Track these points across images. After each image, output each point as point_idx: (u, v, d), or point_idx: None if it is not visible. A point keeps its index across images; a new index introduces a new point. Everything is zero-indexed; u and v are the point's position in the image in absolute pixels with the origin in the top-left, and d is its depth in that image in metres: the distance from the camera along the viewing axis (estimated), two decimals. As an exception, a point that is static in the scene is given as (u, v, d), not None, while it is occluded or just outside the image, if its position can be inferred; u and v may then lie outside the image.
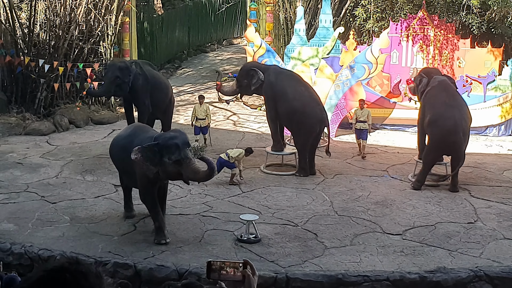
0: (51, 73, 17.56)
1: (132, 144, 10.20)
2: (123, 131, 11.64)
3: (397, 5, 19.27)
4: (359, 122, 15.40)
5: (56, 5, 18.08)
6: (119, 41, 20.00)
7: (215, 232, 10.89)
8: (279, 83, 14.31)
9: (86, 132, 17.54)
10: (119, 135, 11.51)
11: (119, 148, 10.89)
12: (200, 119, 15.77)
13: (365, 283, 9.10)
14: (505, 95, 17.41)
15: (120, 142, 11.00)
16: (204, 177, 10.07)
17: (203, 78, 25.02)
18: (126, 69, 14.44)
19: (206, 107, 15.98)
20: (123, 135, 11.20)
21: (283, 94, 14.21)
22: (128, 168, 10.57)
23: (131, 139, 10.59)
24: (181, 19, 28.91)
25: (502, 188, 13.33)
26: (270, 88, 14.34)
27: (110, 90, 14.85)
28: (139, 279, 9.30)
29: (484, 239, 10.74)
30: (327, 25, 17.90)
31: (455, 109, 13.00)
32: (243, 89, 14.96)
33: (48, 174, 13.79)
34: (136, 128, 11.29)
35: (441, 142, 12.84)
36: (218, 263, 3.03)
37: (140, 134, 10.74)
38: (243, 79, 14.69)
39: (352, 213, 11.82)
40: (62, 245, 10.21)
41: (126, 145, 10.47)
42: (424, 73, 14.12)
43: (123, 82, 14.38)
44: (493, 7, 17.71)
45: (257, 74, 14.38)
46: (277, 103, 14.20)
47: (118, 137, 11.37)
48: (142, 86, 14.67)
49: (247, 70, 14.72)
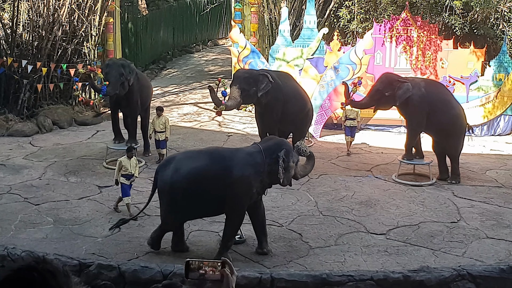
0: (34, 74, 17.46)
1: (232, 167, 9.53)
2: (193, 161, 9.81)
3: (380, 6, 19.36)
4: (349, 120, 15.47)
5: (39, 6, 17.97)
6: (103, 41, 19.94)
7: (200, 233, 10.88)
8: (287, 84, 14.31)
9: (69, 133, 17.46)
10: (194, 167, 9.67)
11: (211, 176, 9.59)
12: (158, 132, 14.50)
13: (349, 282, 9.11)
14: (488, 96, 17.56)
15: (208, 170, 9.65)
16: (312, 165, 10.28)
17: (188, 78, 25.01)
18: (128, 66, 14.34)
19: (165, 120, 14.59)
20: (206, 163, 9.71)
21: (295, 94, 14.31)
22: (219, 194, 9.63)
23: (226, 164, 9.62)
24: (165, 19, 28.87)
25: (484, 187, 13.43)
26: (279, 90, 13.87)
27: (117, 88, 14.15)
28: (123, 281, 9.26)
29: (467, 238, 10.81)
30: (312, 26, 17.97)
31: None
32: (250, 97, 13.71)
33: (31, 175, 13.71)
34: (210, 153, 10.03)
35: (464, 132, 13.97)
36: (196, 262, 3.03)
37: (225, 154, 9.85)
38: (251, 86, 13.53)
39: (336, 213, 11.86)
40: (46, 247, 10.14)
41: (221, 170, 9.58)
42: (392, 78, 13.71)
43: (126, 79, 14.17)
44: (476, 8, 17.85)
45: (266, 78, 13.49)
46: (287, 104, 13.99)
47: (197, 168, 9.66)
48: (135, 85, 14.59)
49: (256, 75, 13.65)
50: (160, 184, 9.86)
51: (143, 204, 12.01)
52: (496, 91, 17.50)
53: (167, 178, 9.72)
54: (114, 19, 20.25)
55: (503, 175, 14.23)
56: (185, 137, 16.80)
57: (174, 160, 9.95)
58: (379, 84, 13.73)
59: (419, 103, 13.44)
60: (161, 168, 9.99)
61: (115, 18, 20.40)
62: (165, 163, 10.15)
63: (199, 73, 26.22)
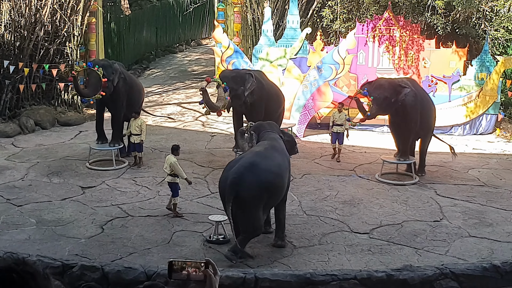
0: (16, 74, 17.32)
1: (284, 161, 10.12)
2: (271, 159, 9.95)
3: (363, 6, 19.42)
4: (336, 126, 15.00)
5: (21, 6, 17.83)
6: (85, 41, 19.84)
7: (184, 233, 10.87)
8: (266, 82, 14.33)
9: (52, 134, 17.36)
10: (276, 164, 9.91)
11: (282, 171, 9.97)
12: (134, 135, 14.32)
13: (333, 282, 9.14)
14: (470, 95, 17.68)
15: (284, 163, 10.07)
16: None
17: (172, 79, 24.96)
18: (109, 67, 14.26)
19: (140, 122, 14.40)
20: (280, 158, 10.13)
21: (274, 92, 14.38)
22: (287, 182, 10.28)
23: (286, 154, 10.34)
24: (148, 19, 28.77)
25: (467, 186, 13.53)
26: (263, 89, 13.90)
27: (98, 90, 14.09)
28: (106, 282, 9.21)
29: (450, 237, 10.88)
30: (295, 26, 18.00)
31: None
32: (238, 97, 13.59)
33: (14, 176, 13.61)
34: (271, 147, 10.29)
35: None
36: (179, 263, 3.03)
37: (277, 145, 10.35)
38: (239, 85, 13.52)
39: (320, 212, 11.89)
40: (28, 248, 10.07)
41: (281, 163, 10.01)
42: (394, 83, 13.58)
43: (108, 80, 14.10)
44: (458, 8, 17.96)
45: (252, 77, 13.52)
46: (269, 102, 13.98)
47: (279, 165, 9.96)
48: (122, 86, 14.50)
49: (243, 75, 13.68)
50: (252, 190, 9.49)
51: (127, 204, 12.03)
52: (478, 90, 17.62)
53: (259, 182, 9.48)
54: (96, 19, 20.15)
55: (485, 174, 14.34)
56: (169, 137, 16.76)
57: (249, 165, 9.64)
58: (385, 92, 13.36)
59: (415, 103, 13.53)
60: (238, 179, 9.48)
61: (97, 18, 20.30)
62: (239, 174, 9.55)
63: (183, 73, 26.16)
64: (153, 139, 16.18)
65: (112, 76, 14.16)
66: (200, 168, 14.34)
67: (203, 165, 14.59)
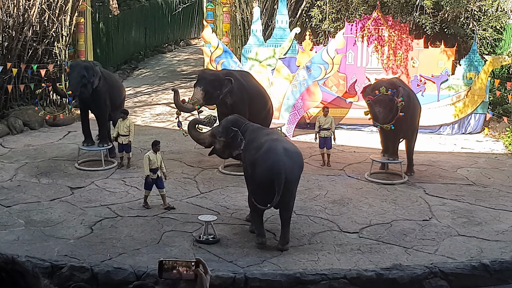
0: (5, 74, 17.24)
1: (293, 147, 10.70)
2: (291, 145, 10.88)
3: (352, 6, 19.47)
4: (323, 130, 14.68)
5: (9, 6, 17.74)
6: (74, 42, 19.77)
7: (174, 233, 10.85)
8: (250, 83, 14.28)
9: (41, 134, 17.28)
10: (297, 151, 10.66)
11: (298, 159, 10.57)
12: (122, 136, 14.21)
13: (322, 281, 9.17)
14: (458, 94, 17.75)
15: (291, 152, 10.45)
16: None
17: (161, 79, 24.91)
18: (91, 68, 14.26)
19: (129, 123, 14.30)
20: (294, 146, 10.92)
21: (258, 93, 14.32)
22: None
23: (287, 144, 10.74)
24: (137, 19, 28.72)
25: (456, 185, 13.58)
26: (244, 90, 13.89)
27: (78, 90, 14.13)
28: (96, 282, 9.19)
29: (439, 236, 10.92)
30: (284, 26, 18.00)
31: None
32: (212, 99, 13.71)
33: (2, 177, 13.54)
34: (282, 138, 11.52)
35: None
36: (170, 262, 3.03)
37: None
38: (215, 90, 13.55)
39: (309, 212, 11.90)
40: (17, 248, 10.02)
41: (294, 149, 10.64)
42: (396, 85, 13.53)
43: (88, 82, 14.12)
44: (446, 8, 18.04)
45: (230, 82, 13.49)
46: (252, 103, 13.91)
47: (297, 152, 10.63)
48: (102, 86, 14.50)
49: (222, 80, 13.58)
50: (298, 173, 10.46)
51: (116, 205, 11.99)
52: (466, 90, 17.69)
53: (295, 164, 10.28)
54: (85, 19, 20.08)
55: (474, 173, 14.40)
56: (158, 138, 16.59)
57: (273, 151, 10.17)
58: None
59: (408, 104, 13.53)
60: (277, 162, 9.99)
61: (86, 18, 20.24)
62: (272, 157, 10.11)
63: (172, 73, 26.12)
64: (142, 139, 16.13)
65: (93, 78, 14.19)
66: (190, 168, 14.32)
67: (192, 165, 14.58)
